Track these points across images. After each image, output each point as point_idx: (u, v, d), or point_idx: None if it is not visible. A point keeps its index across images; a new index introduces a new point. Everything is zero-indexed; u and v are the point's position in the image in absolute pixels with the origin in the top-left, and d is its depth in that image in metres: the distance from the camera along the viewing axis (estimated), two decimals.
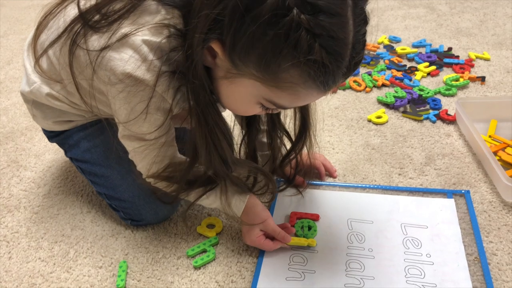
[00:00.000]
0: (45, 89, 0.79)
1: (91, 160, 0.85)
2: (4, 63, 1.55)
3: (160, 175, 0.74)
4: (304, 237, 0.81)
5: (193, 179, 0.74)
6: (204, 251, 0.81)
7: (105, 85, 0.66)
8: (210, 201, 0.77)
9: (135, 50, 0.62)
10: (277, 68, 0.55)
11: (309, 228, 0.83)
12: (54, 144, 1.12)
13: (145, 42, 0.62)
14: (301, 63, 0.53)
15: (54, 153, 1.09)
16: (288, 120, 0.83)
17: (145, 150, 0.72)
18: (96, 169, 0.85)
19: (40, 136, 1.16)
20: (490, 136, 1.00)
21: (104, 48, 0.63)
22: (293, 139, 0.83)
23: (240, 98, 0.64)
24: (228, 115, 0.77)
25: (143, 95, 0.64)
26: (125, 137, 0.73)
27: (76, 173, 1.02)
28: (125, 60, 0.62)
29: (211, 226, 0.86)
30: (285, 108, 0.67)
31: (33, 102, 0.84)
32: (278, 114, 0.81)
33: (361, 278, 0.74)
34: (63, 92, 0.79)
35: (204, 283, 0.76)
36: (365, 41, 0.59)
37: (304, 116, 0.79)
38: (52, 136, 0.91)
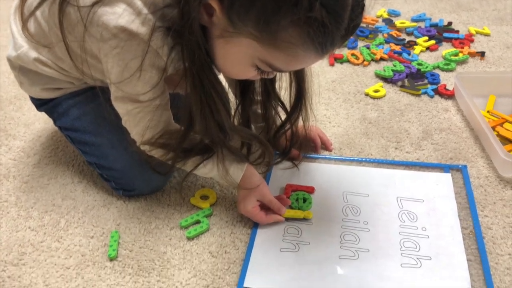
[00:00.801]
0: (33, 53, 0.76)
1: (81, 128, 0.83)
2: None
3: (155, 142, 0.72)
4: (299, 209, 0.80)
5: (189, 147, 0.72)
6: (198, 222, 0.79)
7: (97, 43, 0.63)
8: (207, 170, 0.76)
9: (128, 4, 0.60)
10: (276, 26, 0.53)
11: (304, 200, 0.82)
12: (44, 113, 1.10)
13: None
14: (300, 20, 0.52)
15: (44, 123, 1.06)
16: (284, 92, 0.80)
17: (139, 113, 0.70)
18: (86, 137, 0.82)
19: (29, 105, 1.12)
20: (488, 112, 0.99)
21: (96, 3, 0.60)
22: (288, 110, 0.81)
23: (235, 59, 0.62)
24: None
25: (137, 51, 0.61)
26: (118, 99, 0.70)
27: (66, 143, 0.99)
28: (119, 14, 0.59)
29: (204, 197, 0.85)
30: (280, 71, 0.64)
31: (20, 68, 0.81)
32: (273, 84, 0.78)
33: (355, 251, 0.74)
34: (52, 57, 0.76)
35: (198, 253, 0.75)
36: (364, 5, 0.57)
37: (300, 85, 0.77)
38: (40, 104, 0.88)
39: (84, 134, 0.82)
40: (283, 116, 0.84)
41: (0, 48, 1.38)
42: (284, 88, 0.80)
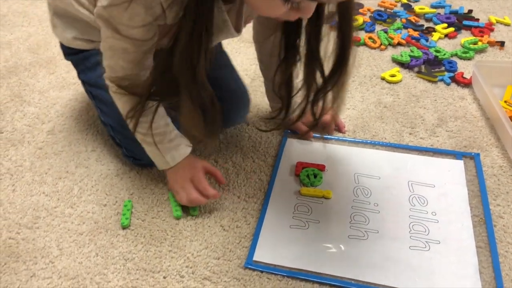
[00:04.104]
0: None
1: (104, 87, 0.81)
2: None
3: (123, 84, 0.69)
4: (311, 185, 0.81)
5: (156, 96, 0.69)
6: None
7: None
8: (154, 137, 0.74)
9: None
10: None
11: (315, 176, 0.82)
12: (59, 80, 1.10)
13: None
14: None
15: (58, 90, 1.07)
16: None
17: (116, 45, 0.66)
18: (108, 97, 0.79)
19: (44, 73, 1.13)
20: (505, 102, 0.98)
21: None
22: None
23: None
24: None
25: None
26: (101, 18, 0.64)
27: (80, 112, 1.00)
28: None
29: None
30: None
31: (55, 8, 0.81)
32: (318, 43, 0.73)
33: (365, 231, 0.75)
34: None
35: (209, 226, 0.76)
36: None
37: (343, 51, 0.71)
38: (69, 53, 0.88)
39: (106, 93, 0.79)
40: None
41: (15, 14, 1.38)
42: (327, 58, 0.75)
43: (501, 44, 1.19)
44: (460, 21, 1.29)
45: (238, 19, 0.71)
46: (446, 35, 1.25)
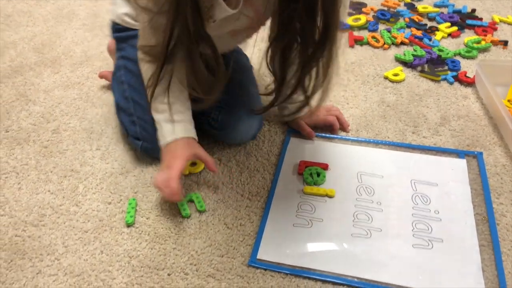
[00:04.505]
0: None
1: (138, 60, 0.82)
2: None
3: (145, 51, 0.75)
4: (314, 184, 0.81)
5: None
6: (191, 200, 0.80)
7: None
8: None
9: None
10: None
11: (318, 174, 0.83)
12: (64, 79, 1.11)
13: None
14: None
15: (63, 90, 1.07)
16: None
17: (141, 17, 0.73)
18: (138, 69, 0.82)
19: (49, 72, 1.14)
20: (509, 101, 0.98)
21: None
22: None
23: None
24: None
25: None
26: None
27: (85, 111, 1.01)
28: None
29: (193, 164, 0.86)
30: None
31: None
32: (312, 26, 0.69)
33: (368, 229, 0.75)
34: None
35: (213, 224, 0.76)
36: None
37: (328, 22, 0.67)
38: (117, 30, 0.93)
39: (137, 66, 0.82)
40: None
41: (20, 14, 1.39)
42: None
43: (505, 43, 1.19)
44: (463, 20, 1.29)
45: None
46: (449, 34, 1.25)
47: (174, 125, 0.79)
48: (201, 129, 0.86)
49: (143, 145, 0.86)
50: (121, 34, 0.93)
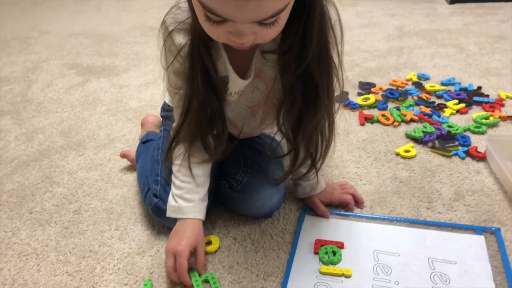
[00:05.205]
0: None
1: None
2: (44, 85, 1.62)
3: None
4: (330, 263, 0.80)
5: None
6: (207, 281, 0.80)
7: None
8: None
9: None
10: None
11: (334, 253, 0.82)
12: (88, 162, 1.17)
13: None
14: None
15: (86, 171, 1.12)
16: None
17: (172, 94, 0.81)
18: None
19: (74, 155, 1.20)
20: None
21: None
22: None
23: (196, 9, 0.61)
24: None
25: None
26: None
27: (106, 191, 1.05)
28: None
29: (208, 243, 0.88)
30: (220, 16, 0.57)
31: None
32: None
33: None
34: None
35: None
36: None
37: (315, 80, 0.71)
38: (166, 109, 1.02)
39: None
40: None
41: (51, 101, 1.49)
42: None
43: None
44: (470, 97, 1.33)
45: (243, 65, 0.75)
46: (458, 111, 1.28)
47: (188, 203, 0.83)
48: (216, 198, 0.93)
49: (158, 203, 0.88)
50: (168, 113, 1.02)
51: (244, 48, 0.64)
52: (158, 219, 0.91)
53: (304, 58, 0.67)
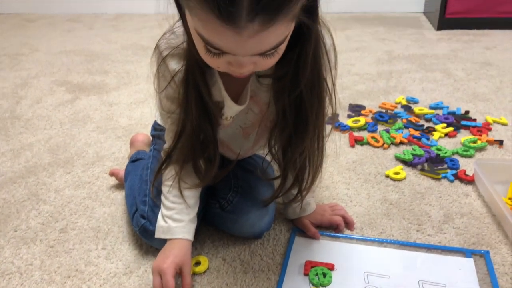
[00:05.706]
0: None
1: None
2: (33, 102, 1.61)
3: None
4: (320, 284, 0.80)
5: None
6: None
7: None
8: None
9: None
10: None
11: (324, 275, 0.82)
12: (75, 179, 1.15)
13: None
14: None
15: (73, 189, 1.11)
16: None
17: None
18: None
19: (62, 172, 1.18)
20: (510, 198, 1.00)
21: None
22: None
23: (194, 38, 0.60)
24: None
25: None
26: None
27: (93, 210, 1.03)
28: None
29: (197, 263, 0.87)
30: (214, 47, 0.57)
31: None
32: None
33: None
34: None
35: None
36: None
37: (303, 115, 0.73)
38: (156, 129, 1.04)
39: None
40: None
41: (39, 118, 1.48)
42: None
43: (500, 142, 1.24)
44: (458, 121, 1.36)
45: (238, 90, 0.76)
46: (446, 134, 1.30)
47: (177, 224, 0.82)
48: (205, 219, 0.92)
49: (145, 224, 0.87)
50: (158, 132, 1.03)
51: (243, 76, 0.65)
52: (146, 240, 0.90)
53: (298, 84, 0.68)
